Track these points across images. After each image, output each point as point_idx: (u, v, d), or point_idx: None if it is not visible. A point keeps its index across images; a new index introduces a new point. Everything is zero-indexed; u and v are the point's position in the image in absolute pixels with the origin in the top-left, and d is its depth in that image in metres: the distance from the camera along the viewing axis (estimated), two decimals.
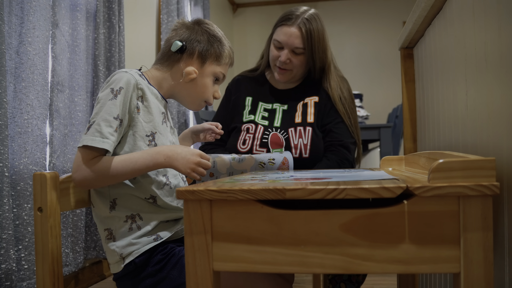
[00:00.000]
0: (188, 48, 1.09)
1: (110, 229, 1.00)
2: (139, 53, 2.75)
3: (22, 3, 1.65)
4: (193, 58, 1.09)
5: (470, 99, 0.77)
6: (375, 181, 0.65)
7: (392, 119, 3.34)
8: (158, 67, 1.11)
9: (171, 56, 1.09)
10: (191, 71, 1.08)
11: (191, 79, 1.09)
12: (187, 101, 1.14)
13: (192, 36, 1.10)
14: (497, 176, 0.57)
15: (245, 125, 1.46)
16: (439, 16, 0.99)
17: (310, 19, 1.40)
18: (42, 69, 1.72)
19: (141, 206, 1.01)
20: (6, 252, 1.48)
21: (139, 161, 0.96)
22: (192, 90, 1.11)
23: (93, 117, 0.97)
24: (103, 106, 0.96)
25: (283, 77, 1.48)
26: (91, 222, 2.08)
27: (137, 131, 1.00)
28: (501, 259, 0.64)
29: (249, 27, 5.35)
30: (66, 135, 1.92)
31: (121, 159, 0.96)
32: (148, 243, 0.99)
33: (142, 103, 1.02)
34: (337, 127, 1.43)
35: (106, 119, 0.95)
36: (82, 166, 0.94)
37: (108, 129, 0.95)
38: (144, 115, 1.02)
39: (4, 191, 1.48)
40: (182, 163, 0.98)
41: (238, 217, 0.62)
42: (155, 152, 0.98)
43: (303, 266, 0.60)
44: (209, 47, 1.10)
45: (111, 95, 0.97)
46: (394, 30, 4.87)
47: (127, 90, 0.98)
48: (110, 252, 1.01)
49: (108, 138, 0.94)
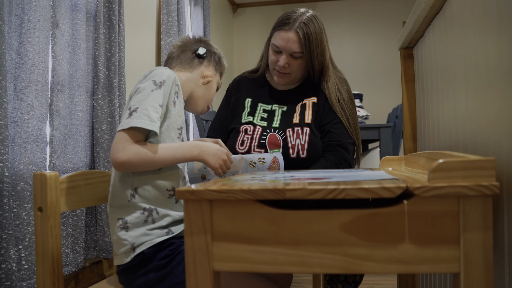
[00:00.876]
0: (208, 56, 1.27)
1: (125, 218, 1.02)
2: (139, 53, 2.75)
3: (22, 3, 1.65)
4: (210, 65, 1.28)
5: (470, 99, 0.77)
6: (375, 181, 0.65)
7: (392, 119, 3.34)
8: (181, 68, 1.24)
9: (193, 60, 1.25)
10: (210, 75, 1.26)
11: (208, 81, 1.26)
12: (199, 102, 1.26)
13: (209, 48, 1.29)
14: (497, 176, 0.57)
15: (244, 126, 1.47)
16: (439, 16, 0.99)
17: (307, 22, 1.39)
18: (42, 69, 1.72)
19: (160, 200, 1.04)
20: (6, 252, 1.48)
21: (178, 151, 1.04)
22: (207, 92, 1.27)
23: (136, 104, 1.00)
24: (148, 95, 1.01)
25: (282, 81, 1.48)
26: (91, 222, 2.08)
27: (171, 123, 1.07)
28: (501, 259, 0.64)
29: (249, 27, 5.35)
30: (66, 135, 1.92)
31: (163, 146, 1.02)
32: (160, 235, 1.01)
33: (177, 98, 1.11)
34: (335, 127, 1.43)
35: (153, 105, 1.00)
36: (128, 146, 0.97)
37: (156, 114, 1.00)
38: (178, 109, 1.11)
39: (4, 191, 1.48)
40: (213, 159, 1.09)
41: (238, 217, 0.62)
42: (192, 145, 1.07)
43: (303, 266, 0.60)
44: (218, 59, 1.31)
45: (154, 86, 1.03)
46: (394, 30, 4.87)
47: (168, 83, 1.06)
48: (119, 242, 1.01)
49: (156, 122, 0.99)
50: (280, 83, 1.50)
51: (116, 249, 1.02)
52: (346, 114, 1.46)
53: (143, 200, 1.02)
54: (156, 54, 3.05)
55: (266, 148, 1.41)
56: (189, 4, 3.58)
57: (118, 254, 1.02)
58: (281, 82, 1.49)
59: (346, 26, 5.15)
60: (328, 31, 1.48)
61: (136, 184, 1.03)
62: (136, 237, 1.00)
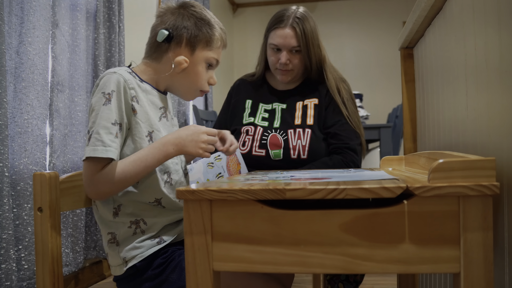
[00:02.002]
0: (175, 36, 1.01)
1: (114, 233, 0.99)
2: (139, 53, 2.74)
3: (22, 3, 1.65)
4: (182, 46, 1.02)
5: (470, 99, 0.77)
6: (375, 181, 0.65)
7: (392, 119, 3.34)
8: (148, 60, 1.06)
9: (159, 46, 1.03)
10: (182, 61, 1.02)
11: (182, 69, 1.03)
12: (182, 92, 1.09)
13: (178, 22, 1.02)
14: (497, 176, 0.57)
15: (245, 127, 1.48)
16: (439, 16, 0.99)
17: (301, 17, 1.43)
18: (42, 69, 1.72)
19: (145, 211, 0.99)
20: (6, 252, 1.48)
21: (149, 158, 0.94)
22: (185, 80, 1.05)
23: (91, 126, 0.92)
24: (99, 113, 0.92)
25: (286, 78, 1.49)
26: (91, 222, 2.08)
27: (136, 133, 0.97)
28: (501, 259, 0.64)
29: (249, 27, 5.35)
30: (66, 135, 1.92)
31: (129, 160, 0.93)
32: (151, 246, 0.98)
33: (137, 103, 0.98)
34: (341, 130, 1.43)
35: (104, 126, 0.91)
36: (93, 179, 0.91)
37: (109, 136, 0.91)
38: (140, 115, 0.98)
39: (4, 191, 1.48)
40: (192, 146, 0.96)
41: (238, 217, 0.62)
42: (161, 144, 0.95)
43: (303, 266, 0.60)
44: (197, 32, 1.02)
45: (103, 99, 0.92)
46: (394, 30, 4.87)
47: (118, 92, 0.94)
48: (112, 255, 1.00)
49: (110, 145, 0.90)
50: (284, 81, 1.51)
51: (110, 261, 1.01)
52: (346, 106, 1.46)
53: (128, 215, 0.98)
54: None
55: (267, 149, 1.42)
56: None
57: (112, 266, 1.00)
58: (285, 80, 1.50)
59: (346, 26, 5.15)
60: (328, 31, 1.50)
61: (118, 202, 0.99)
62: (127, 251, 0.97)
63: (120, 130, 0.94)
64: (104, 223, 1.01)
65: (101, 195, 0.94)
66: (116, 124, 0.93)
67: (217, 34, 1.05)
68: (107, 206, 0.99)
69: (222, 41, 1.08)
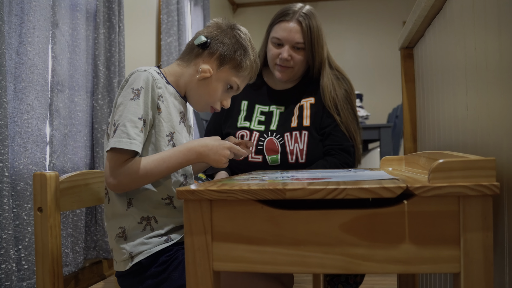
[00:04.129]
0: (211, 46, 1.05)
1: (124, 227, 0.99)
2: (139, 53, 2.75)
3: (22, 3, 1.65)
4: (213, 58, 1.05)
5: (470, 99, 0.77)
6: (375, 181, 0.65)
7: (392, 119, 3.34)
8: (179, 62, 1.10)
9: (193, 50, 1.07)
10: (206, 70, 1.05)
11: (203, 78, 1.05)
12: (194, 100, 1.10)
13: (220, 36, 1.06)
14: (497, 176, 0.57)
15: (240, 132, 1.43)
16: (439, 16, 0.99)
17: (308, 14, 1.40)
18: (42, 69, 1.72)
19: (157, 209, 1.01)
20: (6, 252, 1.48)
21: (172, 160, 0.96)
22: (201, 90, 1.07)
23: (118, 119, 0.95)
24: (127, 107, 0.95)
25: (284, 75, 1.44)
26: (91, 222, 2.08)
27: (158, 131, 1.00)
28: (501, 259, 0.64)
29: (249, 27, 5.26)
30: (66, 135, 1.92)
31: (153, 159, 0.96)
32: (159, 243, 0.99)
33: (162, 102, 1.01)
34: (336, 130, 1.41)
35: (131, 119, 0.94)
36: (115, 170, 0.93)
37: (134, 129, 0.93)
38: (164, 114, 1.01)
39: (4, 191, 1.48)
40: (214, 159, 1.00)
41: (238, 217, 0.62)
42: (186, 149, 0.98)
43: (303, 266, 0.60)
44: (231, 52, 1.06)
45: (132, 94, 0.96)
46: (394, 30, 4.87)
47: (147, 89, 0.97)
48: (118, 250, 1.00)
49: (135, 138, 0.93)
50: (282, 79, 1.45)
51: (115, 256, 1.01)
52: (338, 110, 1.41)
53: (140, 210, 1.00)
54: (156, 54, 3.05)
55: (264, 155, 1.39)
56: (189, 4, 3.58)
57: (117, 261, 1.01)
58: (283, 78, 1.45)
59: (346, 26, 5.15)
60: (328, 31, 1.47)
61: (131, 195, 1.00)
62: (134, 246, 0.98)
63: (144, 125, 0.97)
64: (115, 217, 1.01)
65: (120, 187, 0.95)
66: (142, 120, 0.96)
67: (248, 63, 1.09)
68: (121, 198, 1.00)
69: (250, 72, 1.11)
